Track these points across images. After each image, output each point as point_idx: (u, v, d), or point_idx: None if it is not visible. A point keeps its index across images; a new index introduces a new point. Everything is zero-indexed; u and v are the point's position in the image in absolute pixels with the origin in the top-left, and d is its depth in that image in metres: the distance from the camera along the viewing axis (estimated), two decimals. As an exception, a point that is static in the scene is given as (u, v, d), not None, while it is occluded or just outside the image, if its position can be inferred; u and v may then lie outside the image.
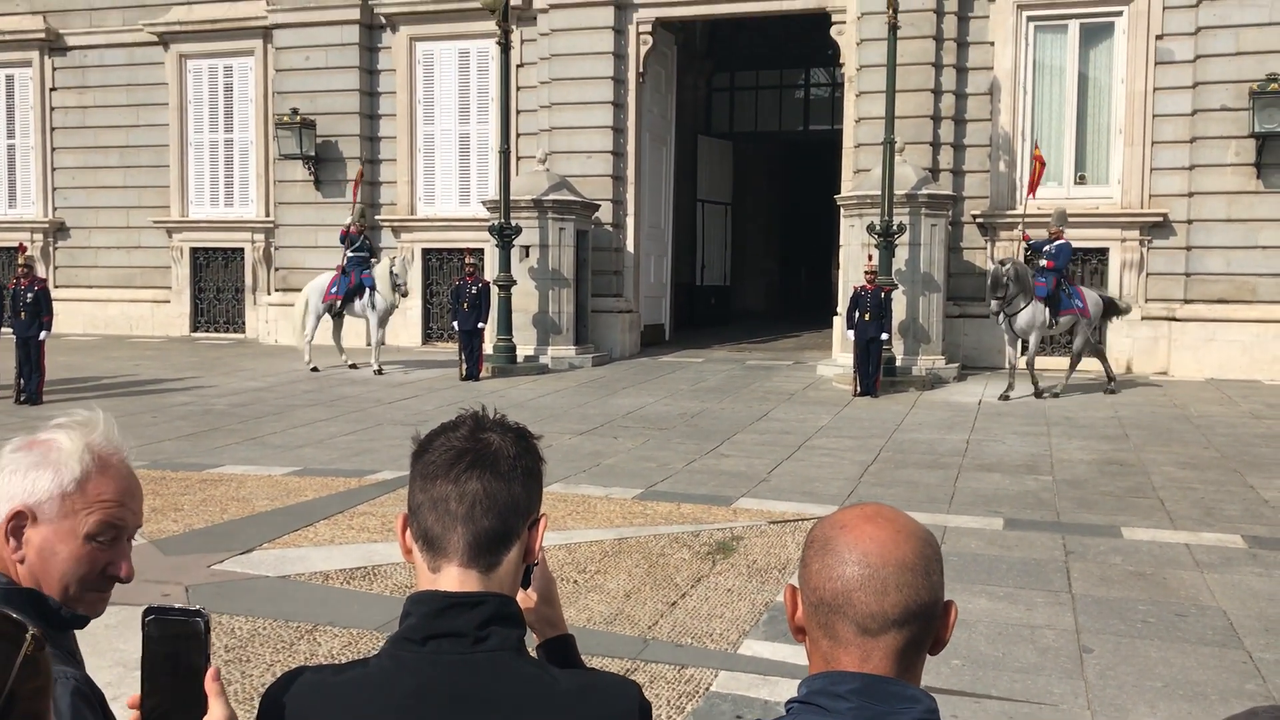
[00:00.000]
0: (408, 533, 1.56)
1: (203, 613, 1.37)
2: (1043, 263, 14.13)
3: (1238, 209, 16.15)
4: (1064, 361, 15.20)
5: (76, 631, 1.63)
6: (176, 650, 1.36)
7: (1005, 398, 13.86)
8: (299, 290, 20.49)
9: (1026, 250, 15.36)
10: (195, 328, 22.05)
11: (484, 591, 1.49)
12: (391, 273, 16.21)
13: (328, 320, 16.92)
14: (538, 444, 1.60)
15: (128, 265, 22.59)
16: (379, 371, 16.11)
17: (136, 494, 1.66)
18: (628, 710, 1.49)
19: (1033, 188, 15.78)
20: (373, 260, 16.94)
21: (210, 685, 1.40)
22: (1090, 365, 16.34)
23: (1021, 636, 5.44)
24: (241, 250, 21.73)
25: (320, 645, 5.23)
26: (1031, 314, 13.89)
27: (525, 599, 1.68)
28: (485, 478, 1.51)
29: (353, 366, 16.64)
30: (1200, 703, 4.67)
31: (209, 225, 21.92)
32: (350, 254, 16.79)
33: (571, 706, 1.46)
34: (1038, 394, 14.11)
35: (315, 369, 16.28)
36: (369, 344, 16.91)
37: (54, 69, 22.74)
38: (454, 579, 1.49)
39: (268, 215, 21.33)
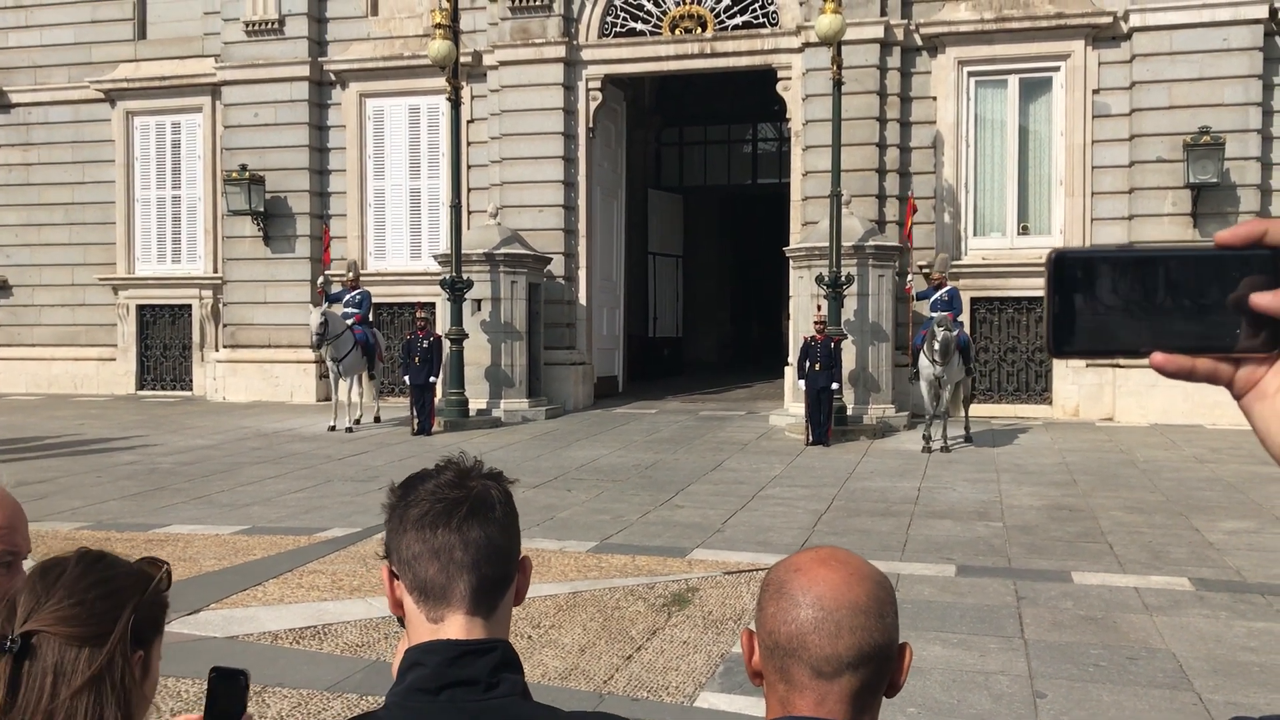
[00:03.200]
0: (397, 585, 1.55)
1: (246, 672, 1.66)
2: (943, 313, 14.06)
3: (1176, 257, 16.49)
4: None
5: None
6: (227, 691, 1.63)
7: (929, 449, 13.69)
8: (248, 346, 20.37)
9: (913, 298, 15.77)
10: (141, 386, 21.74)
11: (493, 638, 1.50)
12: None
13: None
14: (511, 487, 1.62)
15: (72, 323, 22.28)
16: (350, 429, 15.96)
17: (22, 520, 1.75)
18: None
19: (908, 232, 16.74)
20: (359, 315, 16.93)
21: None
22: (1034, 411, 16.61)
23: (976, 683, 5.46)
24: (189, 307, 21.52)
25: (270, 706, 5.13)
26: (958, 364, 14.07)
27: None
28: (485, 524, 1.51)
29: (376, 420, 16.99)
30: (1153, 745, 4.70)
31: (156, 282, 21.70)
32: (345, 309, 16.70)
33: None
34: (968, 438, 14.46)
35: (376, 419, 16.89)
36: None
37: (-2, 126, 22.54)
38: (459, 627, 1.49)
39: (216, 271, 21.18)
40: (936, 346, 13.59)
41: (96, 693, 1.36)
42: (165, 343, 21.78)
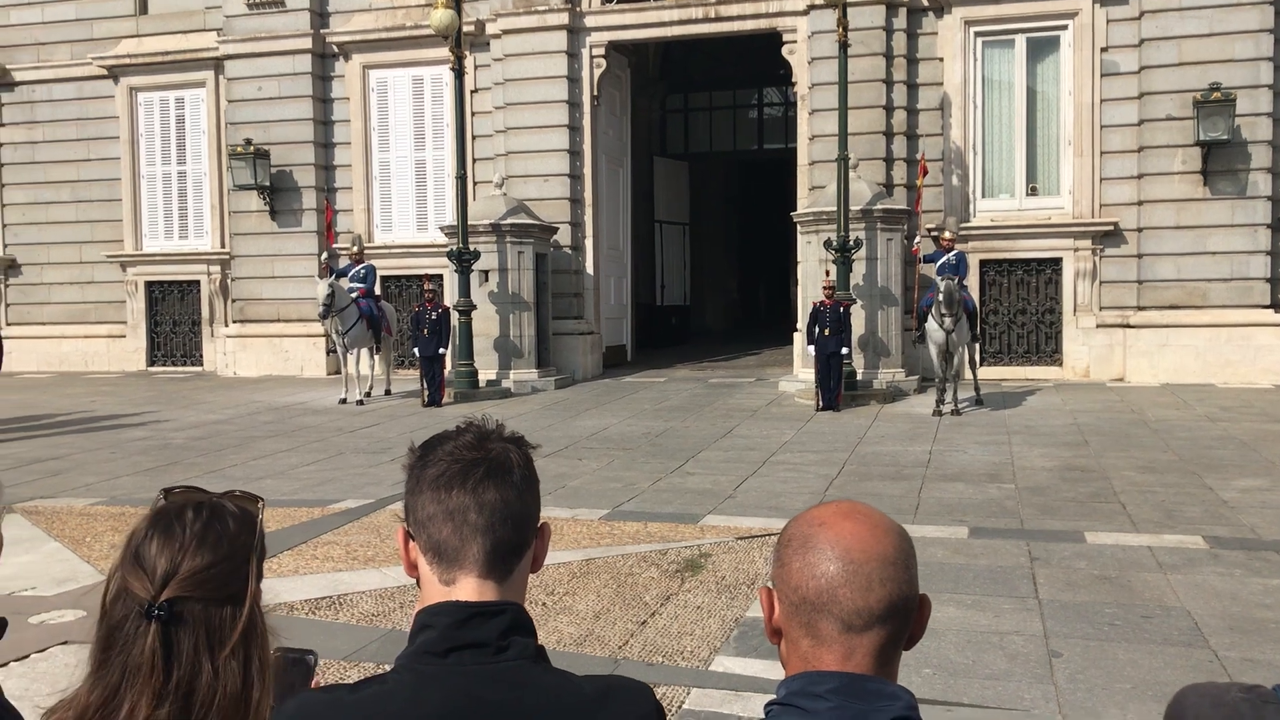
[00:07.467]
0: (412, 546, 1.53)
1: (314, 652, 1.70)
2: (950, 276, 14.00)
3: (1186, 216, 16.42)
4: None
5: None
6: (293, 680, 1.65)
7: (940, 412, 13.58)
8: (257, 321, 20.39)
9: (920, 261, 15.75)
10: (152, 362, 21.80)
11: (504, 600, 1.49)
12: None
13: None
14: (532, 453, 1.60)
15: (82, 301, 22.32)
16: (360, 402, 15.99)
17: None
18: (647, 713, 1.49)
19: (919, 195, 16.72)
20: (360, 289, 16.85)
21: None
22: (1044, 373, 16.57)
23: (990, 643, 5.47)
24: (197, 282, 21.54)
25: (288, 677, 5.15)
26: (965, 327, 14.01)
27: None
28: (501, 487, 1.50)
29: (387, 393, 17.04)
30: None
31: (164, 258, 21.70)
32: (350, 283, 16.69)
33: (595, 712, 1.45)
34: (978, 400, 14.47)
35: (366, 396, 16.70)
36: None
37: (2, 105, 22.48)
38: (471, 589, 1.48)
39: (223, 247, 21.17)
40: (940, 299, 13.51)
41: (246, 649, 1.37)
42: (175, 319, 21.81)
